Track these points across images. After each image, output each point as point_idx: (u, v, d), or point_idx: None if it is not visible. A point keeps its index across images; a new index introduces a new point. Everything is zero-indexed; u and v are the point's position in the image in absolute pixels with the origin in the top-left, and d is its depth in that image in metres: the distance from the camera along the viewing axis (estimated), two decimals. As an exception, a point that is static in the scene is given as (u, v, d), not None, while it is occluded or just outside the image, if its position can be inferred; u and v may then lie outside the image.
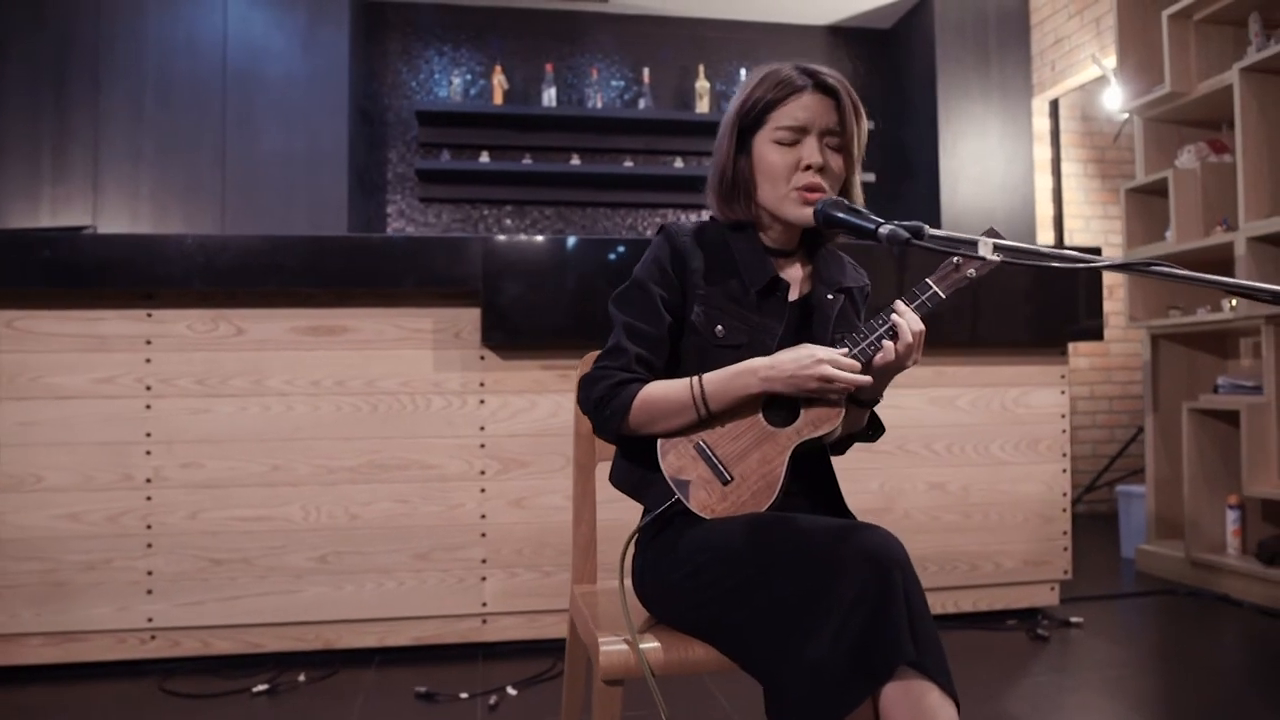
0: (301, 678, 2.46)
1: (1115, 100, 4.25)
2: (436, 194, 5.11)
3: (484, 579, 2.67)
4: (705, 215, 1.53)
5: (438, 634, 2.66)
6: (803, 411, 1.30)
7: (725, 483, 1.29)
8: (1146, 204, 3.91)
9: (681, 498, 1.30)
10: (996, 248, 1.02)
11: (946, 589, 2.94)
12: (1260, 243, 3.26)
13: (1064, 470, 3.02)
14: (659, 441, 1.33)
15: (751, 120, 1.39)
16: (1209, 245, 3.47)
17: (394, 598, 2.62)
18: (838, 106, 1.37)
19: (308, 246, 2.54)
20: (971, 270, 1.25)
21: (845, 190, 1.42)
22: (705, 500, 1.30)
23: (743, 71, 5.37)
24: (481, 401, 2.67)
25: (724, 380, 1.31)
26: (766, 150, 1.38)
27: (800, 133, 1.36)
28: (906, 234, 1.09)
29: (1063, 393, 3.02)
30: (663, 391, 1.33)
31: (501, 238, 2.59)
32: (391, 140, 5.17)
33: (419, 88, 5.20)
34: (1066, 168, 5.32)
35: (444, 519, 2.65)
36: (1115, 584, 3.57)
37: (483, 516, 2.66)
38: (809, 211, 1.35)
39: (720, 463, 1.30)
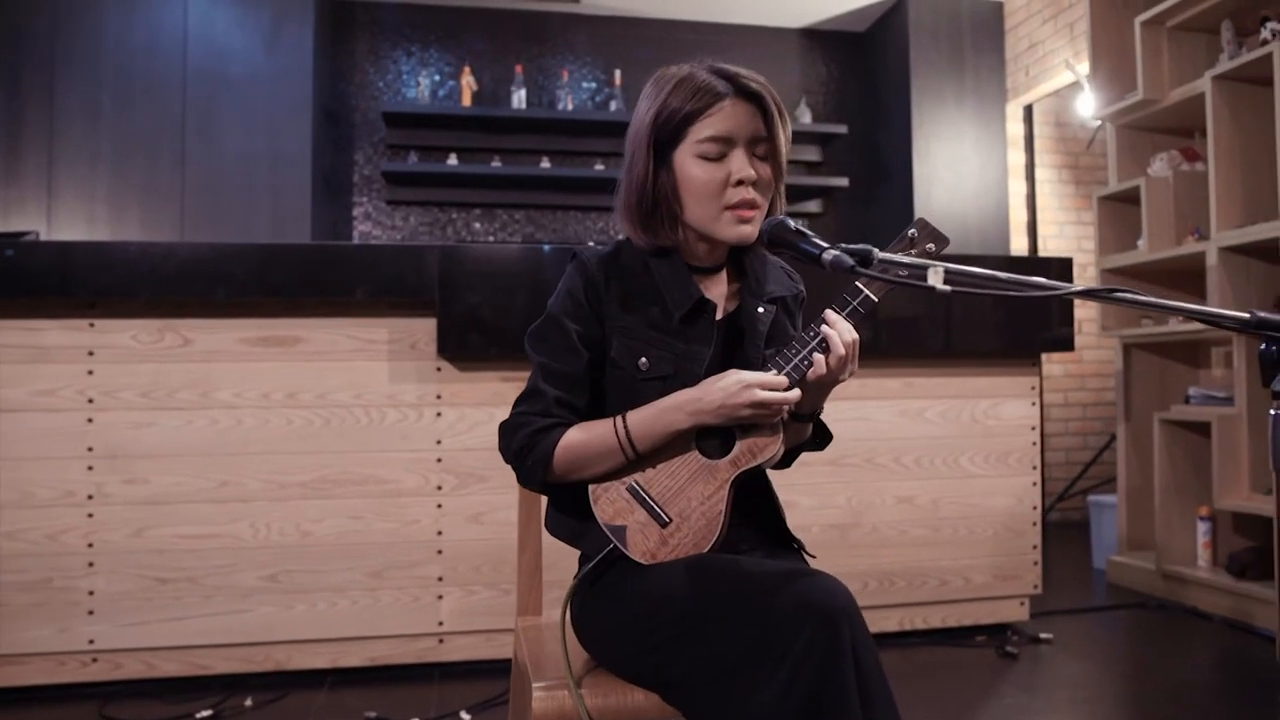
0: (249, 701, 2.38)
1: (1089, 107, 4.22)
2: (404, 196, 5.02)
3: (440, 597, 2.59)
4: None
5: (392, 654, 2.58)
6: (738, 440, 1.23)
7: (664, 525, 1.22)
8: (1119, 211, 3.88)
9: (619, 545, 1.23)
10: (948, 277, 0.95)
11: (915, 604, 2.89)
12: (1232, 253, 3.23)
13: (1034, 483, 2.97)
14: (590, 488, 1.26)
15: (669, 133, 1.28)
16: (1181, 255, 3.44)
17: (347, 617, 2.54)
18: (763, 112, 1.27)
19: (257, 255, 2.45)
20: (903, 270, 1.18)
21: (772, 201, 1.33)
22: (644, 546, 1.23)
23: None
24: (438, 414, 2.59)
25: (650, 418, 1.23)
26: (691, 167, 1.27)
27: (726, 144, 1.26)
28: (851, 261, 1.02)
29: (1033, 404, 2.97)
30: (586, 436, 1.25)
31: (458, 245, 2.51)
32: (358, 142, 5.07)
33: (386, 88, 5.11)
34: (1040, 173, 5.30)
35: (399, 535, 2.57)
36: (1086, 596, 3.54)
37: (439, 533, 2.58)
38: (747, 230, 1.27)
39: (656, 504, 1.23)
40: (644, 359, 1.28)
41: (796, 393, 1.21)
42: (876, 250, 1.03)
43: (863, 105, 5.55)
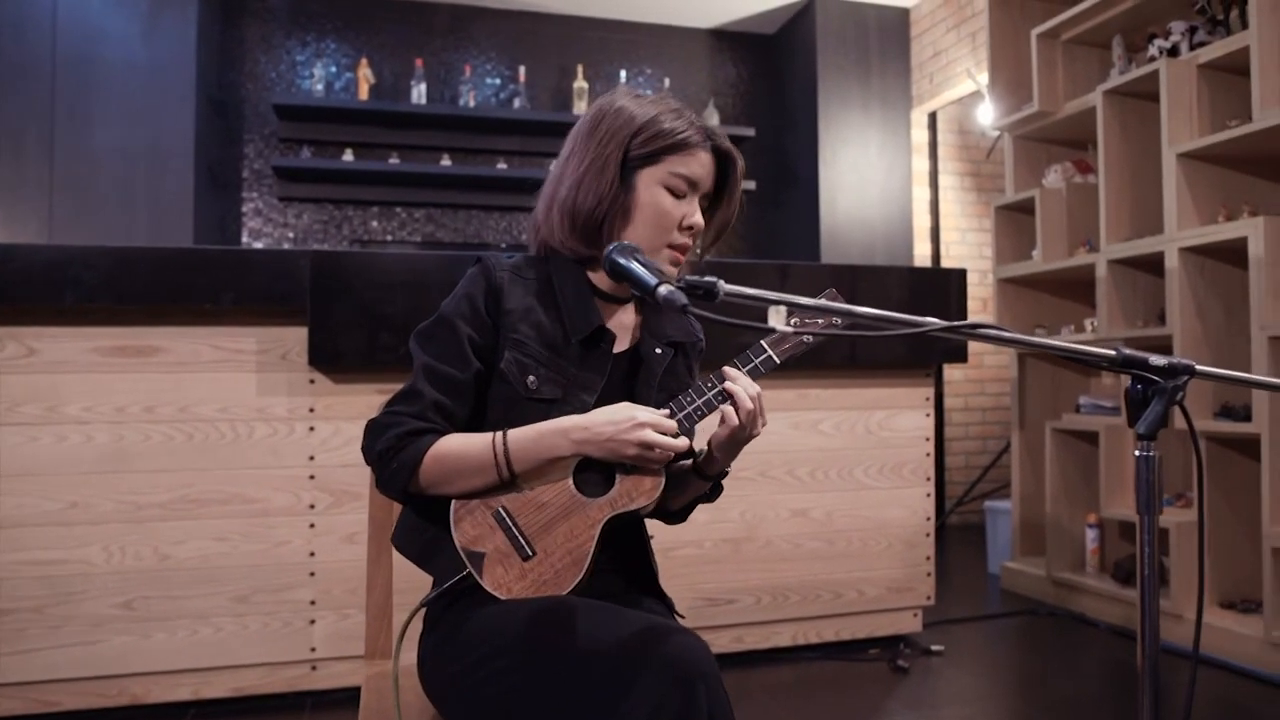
0: (98, 740, 2.21)
1: (988, 116, 4.26)
2: (297, 193, 4.81)
3: (313, 622, 2.45)
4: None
5: (261, 683, 2.43)
6: (619, 480, 1.16)
7: (526, 558, 1.14)
8: (1016, 221, 3.92)
9: (474, 572, 1.14)
10: (805, 320, 0.88)
11: (809, 619, 2.85)
12: (1120, 265, 3.28)
13: (928, 494, 2.97)
14: (453, 504, 1.17)
15: (647, 151, 1.24)
16: (1073, 266, 3.48)
17: (210, 645, 2.38)
18: (722, 172, 1.30)
19: (109, 258, 2.27)
20: (808, 337, 1.15)
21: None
22: (501, 577, 1.14)
23: (623, 74, 5.22)
24: (311, 429, 2.45)
25: (531, 439, 1.15)
26: (657, 193, 1.25)
27: (692, 187, 1.26)
28: (684, 300, 0.94)
29: (928, 415, 2.97)
30: (461, 446, 1.16)
31: (330, 250, 2.37)
32: (248, 134, 4.84)
33: (279, 79, 4.88)
34: (944, 180, 5.35)
35: (268, 557, 2.42)
36: (979, 604, 3.56)
37: (311, 554, 2.44)
38: (674, 273, 1.27)
39: (522, 534, 1.15)
40: (533, 377, 1.22)
41: (685, 441, 1.15)
42: (723, 283, 0.95)
43: (771, 108, 5.53)
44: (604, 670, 1.00)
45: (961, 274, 2.97)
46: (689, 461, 1.28)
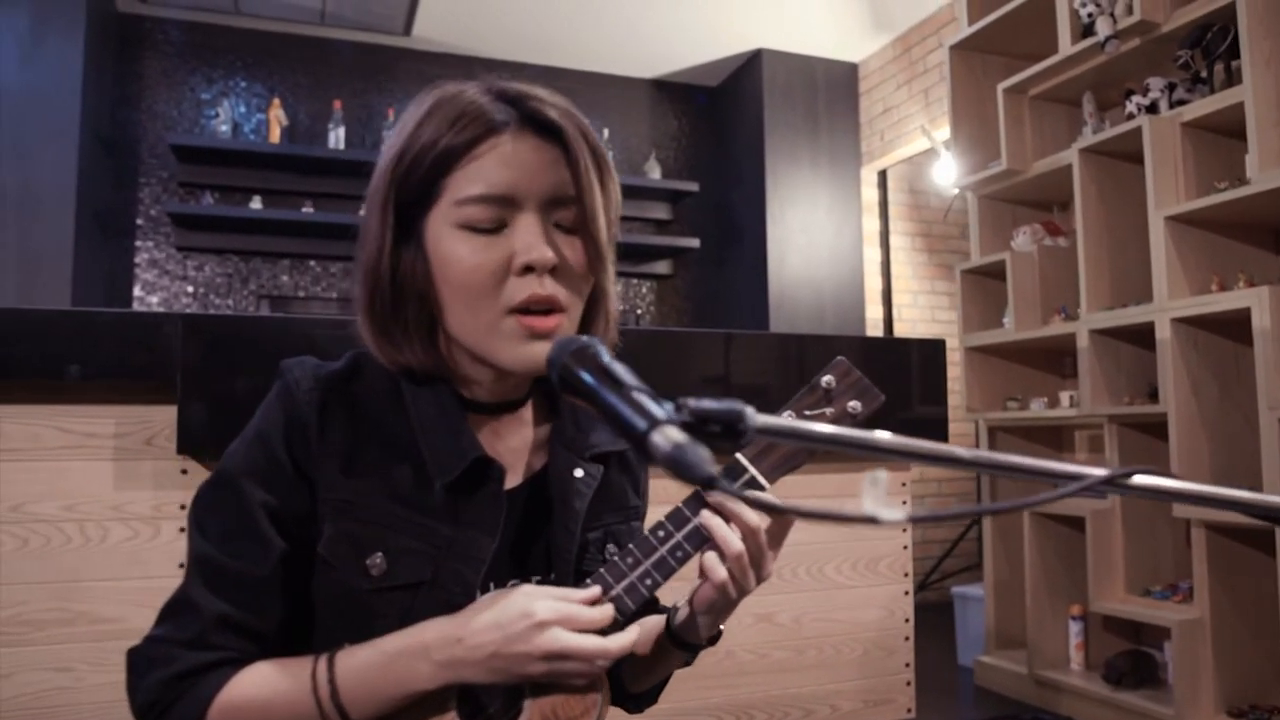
0: None
1: (947, 175, 4.05)
2: (198, 243, 4.33)
3: (177, 771, 1.97)
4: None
5: None
6: (527, 705, 0.76)
7: None
8: (980, 285, 3.67)
9: None
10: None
11: (776, 741, 2.47)
12: (1102, 335, 3.02)
13: (906, 592, 2.62)
14: None
15: (417, 187, 0.80)
16: (1050, 335, 3.22)
17: (41, 806, 1.89)
18: (566, 156, 0.80)
19: (-78, 320, 1.82)
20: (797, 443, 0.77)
21: (594, 298, 0.86)
22: None
23: (560, 122, 4.91)
24: (182, 529, 2.00)
25: (372, 668, 0.75)
26: (450, 243, 0.79)
27: (506, 206, 0.79)
28: (707, 471, 0.49)
29: (905, 502, 2.64)
30: (265, 689, 0.76)
31: (205, 315, 1.96)
32: (145, 178, 4.37)
33: (181, 118, 4.43)
34: (895, 240, 5.13)
35: (124, 692, 1.95)
36: (955, 705, 3.22)
37: (177, 686, 1.98)
38: (539, 351, 0.78)
39: None
40: (379, 555, 0.78)
41: (632, 635, 0.75)
42: (752, 413, 0.56)
43: (717, 163, 5.27)
44: None
45: (939, 344, 2.67)
46: (658, 620, 0.90)
